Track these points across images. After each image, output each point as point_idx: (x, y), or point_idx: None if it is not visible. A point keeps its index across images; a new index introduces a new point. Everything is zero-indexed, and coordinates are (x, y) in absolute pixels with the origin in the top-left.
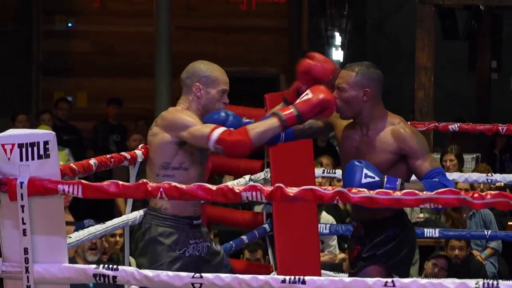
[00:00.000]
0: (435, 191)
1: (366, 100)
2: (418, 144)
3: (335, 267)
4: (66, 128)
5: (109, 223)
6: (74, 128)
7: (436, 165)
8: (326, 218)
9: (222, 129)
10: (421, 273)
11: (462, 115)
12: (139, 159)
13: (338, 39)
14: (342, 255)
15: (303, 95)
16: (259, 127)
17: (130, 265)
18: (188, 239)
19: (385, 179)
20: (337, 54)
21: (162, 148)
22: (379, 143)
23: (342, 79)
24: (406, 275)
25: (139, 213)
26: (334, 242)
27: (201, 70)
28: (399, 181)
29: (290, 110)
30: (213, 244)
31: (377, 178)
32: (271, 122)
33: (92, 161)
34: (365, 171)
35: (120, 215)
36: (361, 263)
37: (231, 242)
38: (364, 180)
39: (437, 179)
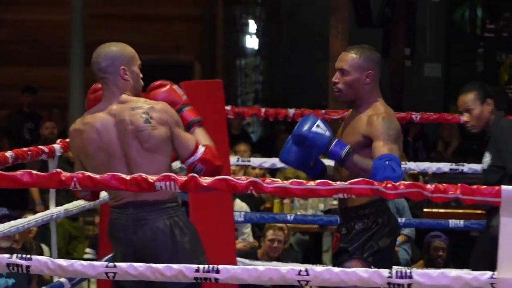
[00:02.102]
0: (351, 182)
1: (368, 82)
2: (383, 129)
3: (250, 255)
4: None
5: (33, 217)
6: None
7: (394, 153)
8: (239, 205)
9: (201, 147)
10: None
11: None
12: (58, 153)
13: (252, 26)
14: (257, 243)
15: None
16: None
17: (55, 256)
18: None
19: (335, 141)
20: (252, 42)
21: (166, 144)
22: (356, 124)
23: (344, 62)
24: (389, 263)
25: (63, 208)
26: (248, 229)
27: (118, 52)
28: (347, 148)
29: (189, 110)
30: None
31: (328, 133)
32: (200, 133)
33: (9, 153)
34: (318, 122)
35: (33, 204)
36: (340, 257)
37: None
38: (314, 129)
39: (387, 162)
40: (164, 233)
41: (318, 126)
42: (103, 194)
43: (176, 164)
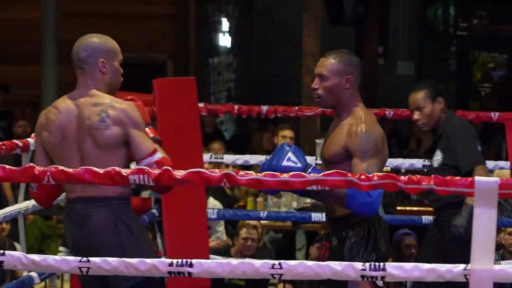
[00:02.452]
0: (325, 173)
1: (348, 87)
2: (360, 144)
3: (223, 252)
4: None
5: (1, 212)
6: None
7: (372, 170)
8: (213, 203)
9: (161, 154)
10: (307, 258)
11: None
12: (32, 148)
13: (225, 24)
14: (230, 241)
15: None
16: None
17: (24, 251)
18: None
19: (310, 169)
20: (225, 40)
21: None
22: (336, 135)
23: (323, 67)
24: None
25: (31, 202)
26: (221, 227)
27: (100, 44)
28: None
29: (151, 129)
30: None
31: (299, 164)
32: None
33: None
34: (289, 154)
35: (5, 200)
36: None
37: None
38: (285, 163)
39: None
40: (108, 230)
41: (289, 159)
42: None
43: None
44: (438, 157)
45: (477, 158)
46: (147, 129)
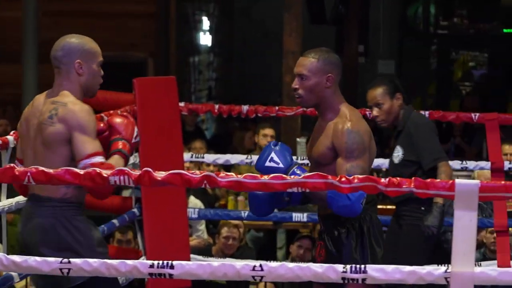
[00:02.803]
0: (305, 176)
1: (329, 86)
2: (346, 144)
3: (204, 251)
4: None
5: None
6: None
7: (356, 171)
8: (194, 202)
9: (98, 159)
10: (288, 257)
11: None
12: (11, 145)
13: (206, 23)
14: (211, 240)
15: (136, 135)
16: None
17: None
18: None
19: (295, 167)
20: (205, 39)
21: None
22: (322, 135)
23: (303, 67)
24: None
25: (14, 200)
26: (202, 226)
27: (78, 45)
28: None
29: (124, 143)
30: None
31: (281, 165)
32: (116, 159)
33: None
34: (272, 155)
35: None
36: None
37: (103, 226)
38: (267, 164)
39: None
40: (46, 231)
41: (271, 159)
42: None
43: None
44: (398, 153)
45: (440, 154)
46: (122, 141)
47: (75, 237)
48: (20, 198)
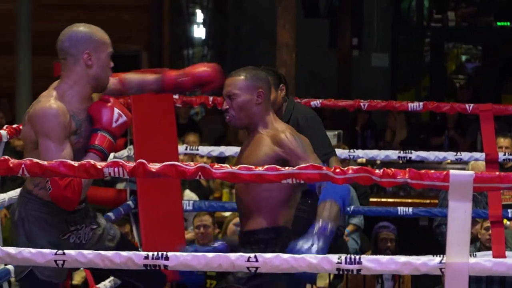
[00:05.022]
0: (299, 167)
1: (260, 102)
2: (300, 147)
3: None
4: None
5: None
6: None
7: (319, 162)
8: (189, 196)
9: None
10: None
11: (324, 93)
12: (4, 139)
13: (199, 16)
14: None
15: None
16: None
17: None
18: (67, 225)
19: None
20: (199, 32)
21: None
22: (256, 148)
23: (231, 86)
24: None
25: (7, 195)
26: None
27: (86, 34)
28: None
29: (107, 139)
30: (96, 223)
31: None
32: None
33: None
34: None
35: None
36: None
37: None
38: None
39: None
40: (16, 223)
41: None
42: None
43: (123, 153)
44: None
45: (329, 149)
46: (101, 133)
47: (27, 233)
48: (13, 194)
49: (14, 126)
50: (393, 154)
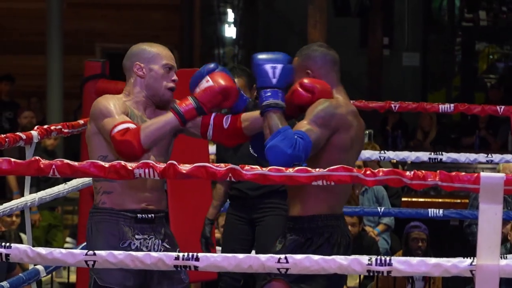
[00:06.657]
0: (330, 169)
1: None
2: (315, 111)
3: None
4: None
5: (7, 205)
6: None
7: (309, 133)
8: None
9: (122, 126)
10: None
11: (354, 92)
12: (35, 140)
13: (230, 15)
14: None
15: (203, 81)
16: (153, 124)
17: (30, 243)
18: (132, 234)
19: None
20: (230, 31)
21: (93, 140)
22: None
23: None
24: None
25: (37, 195)
26: None
27: (140, 49)
28: (279, 102)
29: (188, 102)
30: (174, 245)
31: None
32: (167, 118)
33: None
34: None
35: (11, 192)
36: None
37: None
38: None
39: (296, 137)
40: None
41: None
42: (82, 180)
43: None
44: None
45: None
46: (187, 98)
47: (89, 237)
48: (43, 194)
49: (45, 126)
50: (423, 155)
